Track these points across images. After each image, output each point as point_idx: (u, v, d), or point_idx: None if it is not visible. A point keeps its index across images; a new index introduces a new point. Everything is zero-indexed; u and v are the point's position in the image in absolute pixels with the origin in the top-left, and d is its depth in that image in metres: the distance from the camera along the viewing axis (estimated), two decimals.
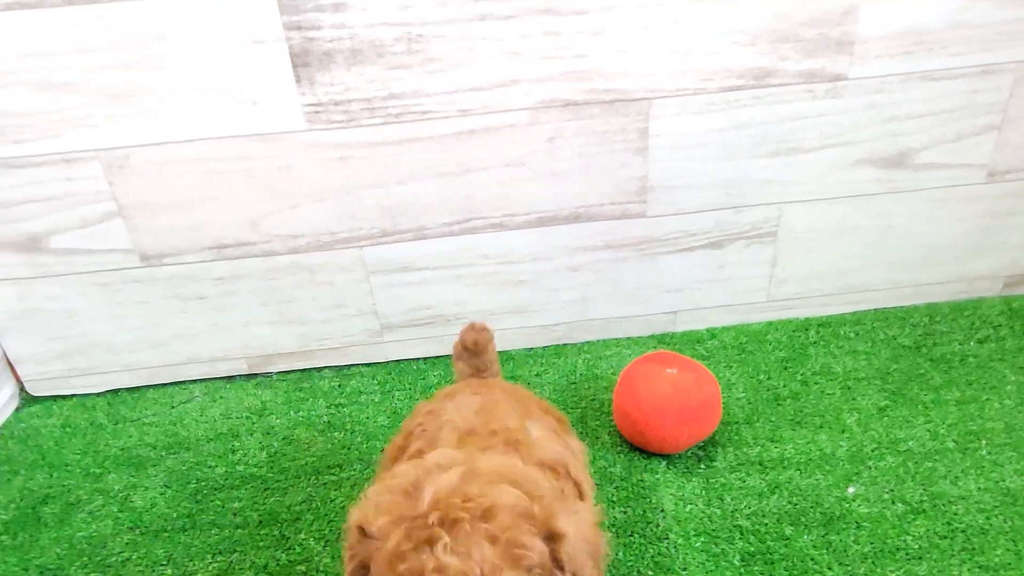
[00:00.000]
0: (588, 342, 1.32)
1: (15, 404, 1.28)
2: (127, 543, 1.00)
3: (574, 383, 1.22)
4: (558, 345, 1.32)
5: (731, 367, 1.22)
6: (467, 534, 0.49)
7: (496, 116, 1.09)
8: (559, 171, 1.15)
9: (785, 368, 1.20)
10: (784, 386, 1.17)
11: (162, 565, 0.96)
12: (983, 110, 1.13)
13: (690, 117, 1.10)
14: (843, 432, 1.07)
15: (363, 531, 0.52)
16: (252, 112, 1.07)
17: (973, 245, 1.25)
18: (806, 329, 1.29)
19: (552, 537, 0.52)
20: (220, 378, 1.31)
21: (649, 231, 1.21)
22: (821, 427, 1.08)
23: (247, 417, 1.21)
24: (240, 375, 1.31)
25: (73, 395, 1.29)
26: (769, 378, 1.18)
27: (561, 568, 0.52)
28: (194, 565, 0.95)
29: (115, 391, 1.30)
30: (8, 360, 1.26)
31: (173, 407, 1.26)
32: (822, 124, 1.12)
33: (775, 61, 1.07)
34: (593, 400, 1.17)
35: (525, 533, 0.51)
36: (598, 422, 1.13)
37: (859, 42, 1.06)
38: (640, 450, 1.06)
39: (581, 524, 0.56)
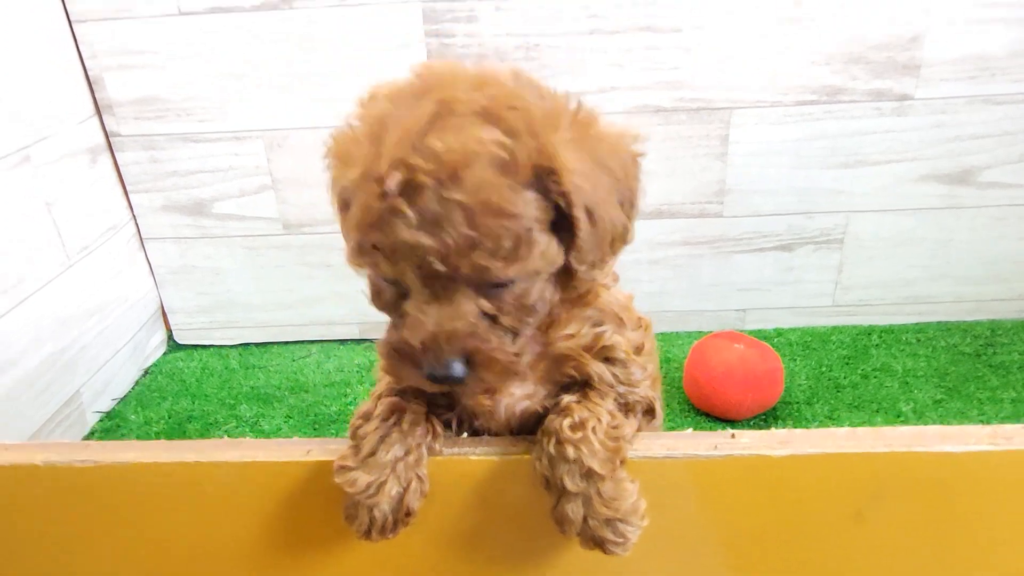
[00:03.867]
0: (662, 332, 1.44)
1: (163, 349, 1.49)
2: None
3: None
4: None
5: (795, 360, 1.32)
6: (433, 203, 0.43)
7: None
8: (647, 170, 1.29)
9: (847, 364, 1.30)
10: (845, 378, 1.26)
11: None
12: None
13: (767, 127, 1.25)
14: (898, 416, 1.16)
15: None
16: None
17: None
18: (869, 334, 1.38)
19: (545, 173, 0.45)
20: (334, 340, 1.49)
21: (724, 230, 1.34)
22: (877, 411, 1.17)
23: (357, 372, 1.39)
24: (351, 339, 1.49)
25: (211, 345, 1.50)
26: (831, 370, 1.28)
27: (570, 206, 0.46)
28: None
29: (246, 345, 1.50)
30: (163, 309, 1.48)
31: (294, 360, 1.45)
32: (889, 140, 1.25)
33: (846, 80, 1.20)
34: (665, 377, 1.30)
35: (505, 189, 0.44)
36: (668, 394, 1.25)
37: (925, 66, 1.18)
38: (706, 415, 1.18)
39: (597, 148, 0.48)
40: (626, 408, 0.57)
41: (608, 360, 0.57)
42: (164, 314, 1.49)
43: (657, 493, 0.51)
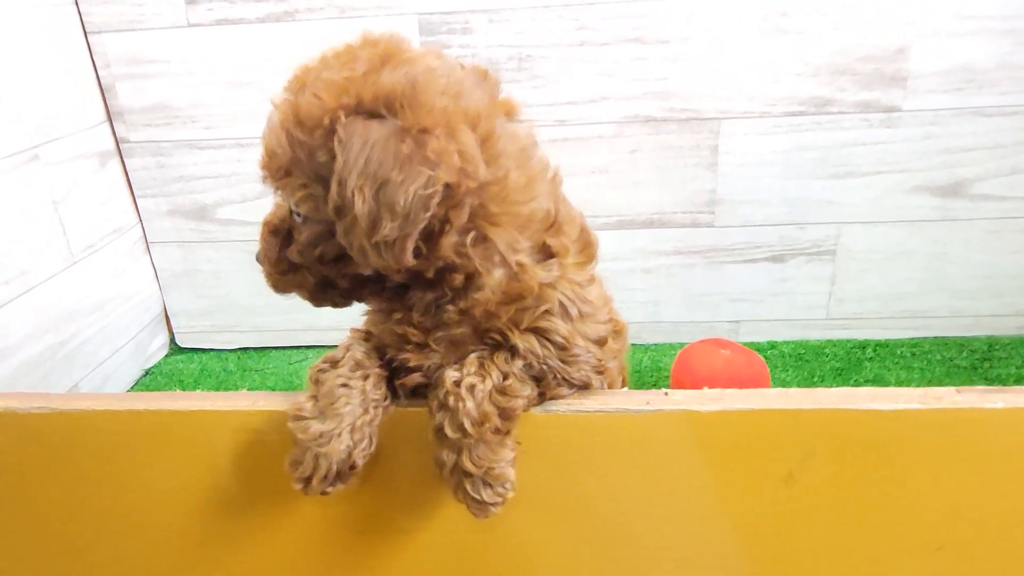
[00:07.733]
0: (656, 344, 1.44)
1: (164, 352, 1.53)
2: None
3: (638, 371, 1.35)
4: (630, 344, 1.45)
5: (787, 371, 1.31)
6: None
7: (587, 128, 1.28)
8: (638, 180, 1.32)
9: (839, 375, 1.29)
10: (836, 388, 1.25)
11: None
12: None
13: (756, 138, 1.26)
14: None
15: None
16: None
17: None
18: (863, 347, 1.37)
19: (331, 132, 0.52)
20: (330, 345, 1.51)
21: (716, 240, 1.35)
22: None
23: None
24: None
25: (211, 349, 1.53)
26: (822, 381, 1.27)
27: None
28: None
29: (244, 349, 1.53)
30: (166, 313, 1.52)
31: (290, 364, 1.47)
32: (879, 151, 1.25)
33: (834, 91, 1.22)
34: (655, 384, 1.30)
35: (278, 134, 0.55)
36: None
37: (912, 77, 1.19)
38: None
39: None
40: (539, 379, 0.56)
41: (541, 335, 0.56)
42: (167, 318, 1.53)
43: (588, 449, 0.51)
